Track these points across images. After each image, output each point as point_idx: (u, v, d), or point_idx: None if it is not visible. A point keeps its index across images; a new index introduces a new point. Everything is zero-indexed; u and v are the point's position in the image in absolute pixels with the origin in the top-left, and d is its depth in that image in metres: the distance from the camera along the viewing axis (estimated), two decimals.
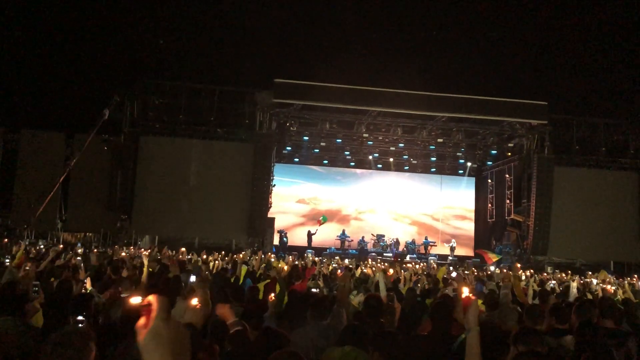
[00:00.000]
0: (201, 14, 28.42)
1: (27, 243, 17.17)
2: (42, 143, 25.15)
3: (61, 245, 12.33)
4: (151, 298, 1.51)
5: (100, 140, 24.64)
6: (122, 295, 5.76)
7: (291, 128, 28.07)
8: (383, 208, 32.01)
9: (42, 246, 16.91)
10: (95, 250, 14.98)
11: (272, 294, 5.60)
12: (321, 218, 29.51)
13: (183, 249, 15.99)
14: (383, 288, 6.88)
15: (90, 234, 25.71)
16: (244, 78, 26.71)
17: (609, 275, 17.34)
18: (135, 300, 2.18)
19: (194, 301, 3.56)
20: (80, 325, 3.05)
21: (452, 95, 25.01)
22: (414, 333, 4.65)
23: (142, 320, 1.49)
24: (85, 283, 6.23)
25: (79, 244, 17.79)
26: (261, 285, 7.31)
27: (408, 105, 24.97)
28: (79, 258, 10.30)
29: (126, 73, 27.60)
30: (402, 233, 30.50)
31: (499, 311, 6.08)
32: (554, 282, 11.98)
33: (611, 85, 31.95)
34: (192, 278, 7.35)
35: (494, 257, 23.54)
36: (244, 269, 10.58)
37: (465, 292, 2.82)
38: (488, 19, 30.67)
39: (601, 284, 12.24)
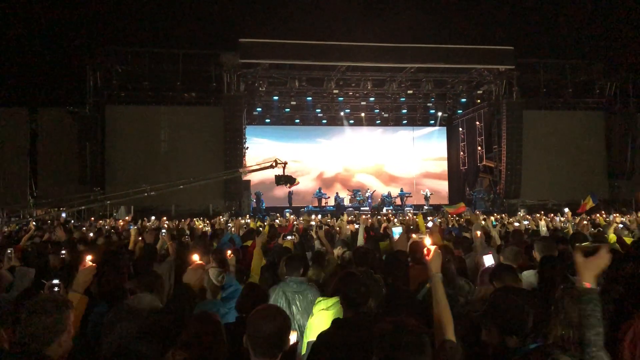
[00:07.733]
0: None
1: None
2: (6, 119, 24.54)
3: (33, 223, 12.15)
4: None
5: (65, 113, 24.11)
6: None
7: (260, 88, 27.75)
8: (358, 163, 32.18)
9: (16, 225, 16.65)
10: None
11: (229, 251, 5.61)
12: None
13: (164, 218, 16.12)
14: (362, 238, 7.15)
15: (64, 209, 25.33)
16: (208, 40, 26.10)
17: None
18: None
19: (195, 257, 3.34)
20: (55, 289, 3.05)
21: (420, 46, 24.90)
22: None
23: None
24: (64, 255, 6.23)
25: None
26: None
27: (376, 58, 24.79)
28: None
29: (87, 42, 26.71)
30: (377, 186, 30.78)
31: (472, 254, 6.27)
32: (521, 222, 12.30)
33: (575, 26, 32.06)
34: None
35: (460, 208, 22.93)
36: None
37: (427, 242, 2.84)
38: None
39: (570, 220, 12.59)
